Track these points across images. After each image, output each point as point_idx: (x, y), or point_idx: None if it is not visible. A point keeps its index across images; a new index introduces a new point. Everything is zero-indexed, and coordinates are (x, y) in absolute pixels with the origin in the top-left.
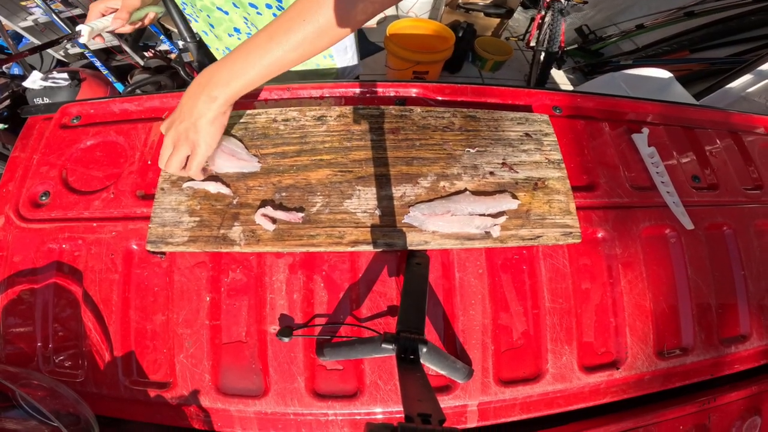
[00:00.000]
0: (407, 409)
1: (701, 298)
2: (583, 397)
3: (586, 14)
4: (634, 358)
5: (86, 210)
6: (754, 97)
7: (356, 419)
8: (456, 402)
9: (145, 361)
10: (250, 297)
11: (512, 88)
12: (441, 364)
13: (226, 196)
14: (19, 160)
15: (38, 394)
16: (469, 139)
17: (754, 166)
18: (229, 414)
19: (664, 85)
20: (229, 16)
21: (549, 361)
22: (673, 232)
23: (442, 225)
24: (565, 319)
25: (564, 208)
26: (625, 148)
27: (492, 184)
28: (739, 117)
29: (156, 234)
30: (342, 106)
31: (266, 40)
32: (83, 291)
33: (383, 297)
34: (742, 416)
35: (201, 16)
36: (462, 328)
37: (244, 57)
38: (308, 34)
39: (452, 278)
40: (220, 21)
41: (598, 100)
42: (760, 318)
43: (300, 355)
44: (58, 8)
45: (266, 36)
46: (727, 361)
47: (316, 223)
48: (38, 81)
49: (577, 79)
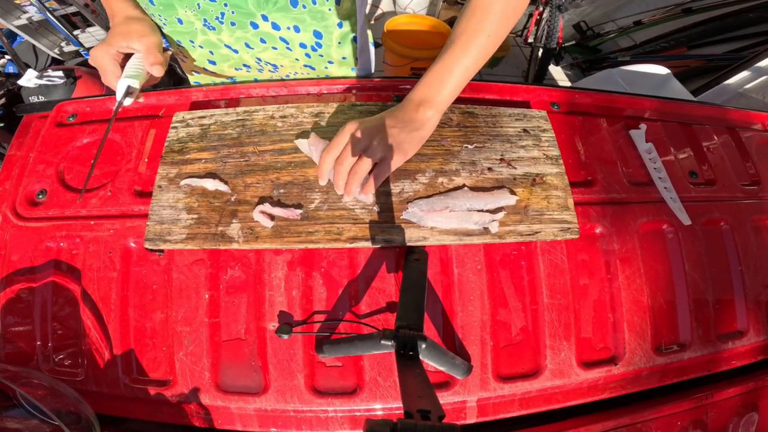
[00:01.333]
0: (406, 405)
1: (699, 294)
2: (581, 393)
3: (584, 10)
4: (631, 354)
5: (83, 208)
6: (751, 94)
7: (356, 416)
8: (455, 398)
9: (145, 359)
10: (248, 294)
11: (510, 84)
12: (440, 360)
13: (224, 193)
14: (15, 158)
15: (39, 393)
16: (467, 135)
17: (751, 161)
18: (229, 411)
19: (662, 82)
20: (239, 54)
21: (547, 357)
22: (671, 228)
23: (440, 221)
24: (564, 315)
25: (562, 203)
26: (622, 144)
27: (490, 180)
28: (737, 113)
29: (154, 232)
30: (340, 103)
31: (459, 55)
32: (82, 289)
33: (382, 293)
34: (740, 412)
35: (199, 52)
36: (461, 324)
37: (446, 77)
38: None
39: (451, 274)
40: (227, 58)
41: (595, 97)
42: (757, 314)
43: (299, 352)
44: (52, 6)
45: (459, 51)
46: (724, 357)
47: (314, 220)
48: (33, 79)
49: (574, 75)
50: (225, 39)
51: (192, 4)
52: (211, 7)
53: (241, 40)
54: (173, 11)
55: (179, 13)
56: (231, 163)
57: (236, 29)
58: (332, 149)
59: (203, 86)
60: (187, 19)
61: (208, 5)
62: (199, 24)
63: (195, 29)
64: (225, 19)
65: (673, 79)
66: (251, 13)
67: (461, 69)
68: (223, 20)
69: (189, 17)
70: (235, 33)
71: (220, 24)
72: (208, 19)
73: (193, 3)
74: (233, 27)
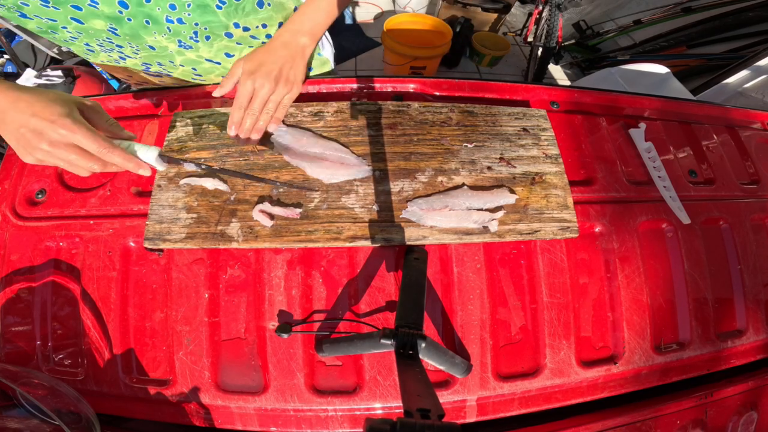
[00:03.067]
0: (406, 404)
1: (698, 293)
2: (581, 392)
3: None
4: (631, 353)
5: (83, 207)
6: (750, 93)
7: (356, 415)
8: (455, 397)
9: (145, 359)
10: (248, 293)
11: (510, 83)
12: (440, 359)
13: (224, 193)
14: (14, 158)
15: (39, 392)
16: (467, 134)
17: (750, 160)
18: (229, 410)
19: (662, 81)
20: (222, 65)
21: (547, 356)
22: (670, 227)
23: (440, 220)
24: (563, 314)
25: (561, 202)
26: (622, 143)
27: (490, 179)
28: (736, 112)
29: (153, 231)
30: (339, 102)
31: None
32: (81, 289)
33: (382, 292)
34: (739, 411)
35: (182, 70)
36: (460, 323)
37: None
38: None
39: (450, 273)
40: (211, 70)
41: (595, 96)
42: (756, 312)
43: (299, 351)
44: None
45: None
46: (723, 356)
47: (314, 219)
48: (32, 79)
49: (574, 74)
50: (204, 54)
51: (161, 29)
52: (182, 29)
53: (221, 51)
54: (141, 40)
55: (148, 40)
56: (230, 162)
57: (213, 41)
58: (240, 100)
59: (203, 86)
60: (159, 44)
61: (178, 27)
62: (173, 46)
63: (170, 51)
64: (199, 36)
65: (672, 78)
66: (224, 24)
67: (325, 3)
68: (197, 38)
69: (161, 42)
70: (213, 45)
71: (195, 42)
72: (182, 40)
73: (163, 28)
74: (208, 41)
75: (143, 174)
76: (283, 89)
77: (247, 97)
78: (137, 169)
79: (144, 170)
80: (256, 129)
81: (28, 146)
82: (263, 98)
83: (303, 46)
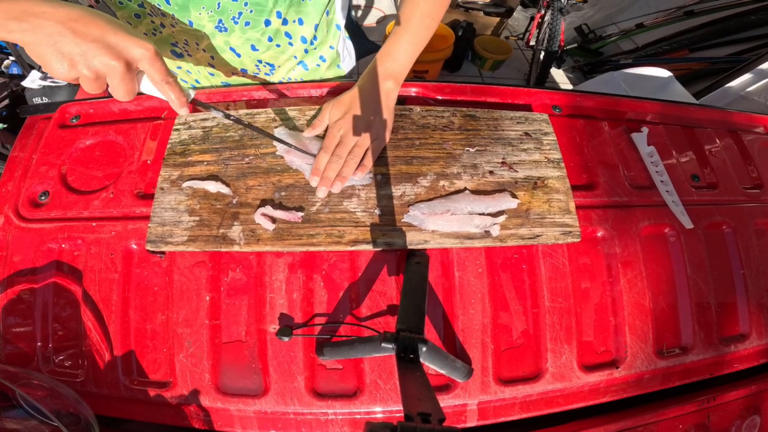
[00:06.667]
0: (407, 408)
1: (701, 297)
2: (582, 397)
3: (586, 13)
4: (633, 358)
5: (86, 210)
6: (753, 96)
7: (356, 418)
8: (456, 401)
9: (145, 361)
10: (249, 296)
11: (512, 87)
12: (441, 363)
13: (226, 196)
14: (18, 159)
15: (38, 393)
16: (469, 138)
17: (753, 165)
18: (229, 413)
19: (664, 84)
20: (240, 59)
21: (548, 360)
22: (673, 231)
23: (441, 224)
24: (565, 319)
25: (563, 207)
26: (624, 148)
27: (491, 183)
28: (739, 116)
29: (155, 233)
30: None
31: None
32: (83, 291)
33: (383, 296)
34: (742, 415)
35: (200, 55)
36: (462, 328)
37: (403, 46)
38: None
39: (452, 277)
40: (225, 63)
41: (597, 100)
42: (759, 317)
43: (300, 355)
44: None
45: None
46: (726, 360)
47: (315, 223)
48: (37, 80)
49: (576, 78)
50: (233, 41)
51: (212, 4)
52: (231, 6)
53: (248, 42)
54: (187, 13)
55: (192, 15)
56: (233, 166)
57: (249, 29)
58: (328, 147)
59: (206, 88)
60: (199, 21)
61: (228, 4)
62: (210, 26)
63: (203, 33)
64: (241, 19)
65: (675, 81)
66: (269, 10)
67: (406, 44)
68: (238, 20)
69: (202, 19)
70: (246, 33)
71: (234, 24)
72: (223, 20)
73: (214, 2)
74: (246, 27)
75: (182, 113)
76: (368, 137)
77: (333, 143)
78: (181, 108)
79: (184, 108)
80: (340, 176)
81: (90, 56)
82: (348, 146)
83: (388, 90)
